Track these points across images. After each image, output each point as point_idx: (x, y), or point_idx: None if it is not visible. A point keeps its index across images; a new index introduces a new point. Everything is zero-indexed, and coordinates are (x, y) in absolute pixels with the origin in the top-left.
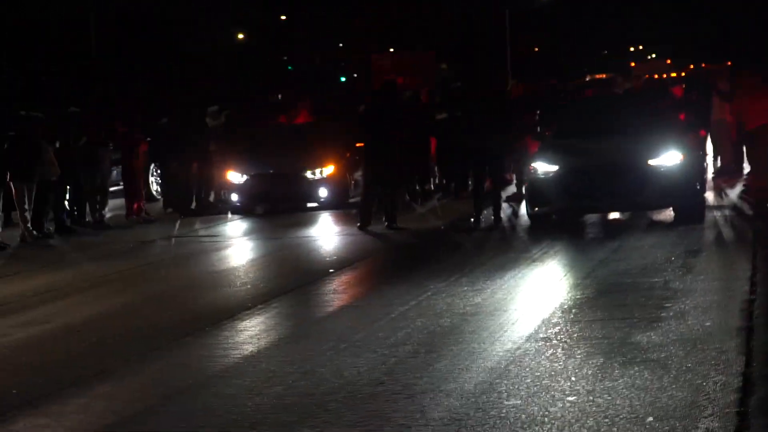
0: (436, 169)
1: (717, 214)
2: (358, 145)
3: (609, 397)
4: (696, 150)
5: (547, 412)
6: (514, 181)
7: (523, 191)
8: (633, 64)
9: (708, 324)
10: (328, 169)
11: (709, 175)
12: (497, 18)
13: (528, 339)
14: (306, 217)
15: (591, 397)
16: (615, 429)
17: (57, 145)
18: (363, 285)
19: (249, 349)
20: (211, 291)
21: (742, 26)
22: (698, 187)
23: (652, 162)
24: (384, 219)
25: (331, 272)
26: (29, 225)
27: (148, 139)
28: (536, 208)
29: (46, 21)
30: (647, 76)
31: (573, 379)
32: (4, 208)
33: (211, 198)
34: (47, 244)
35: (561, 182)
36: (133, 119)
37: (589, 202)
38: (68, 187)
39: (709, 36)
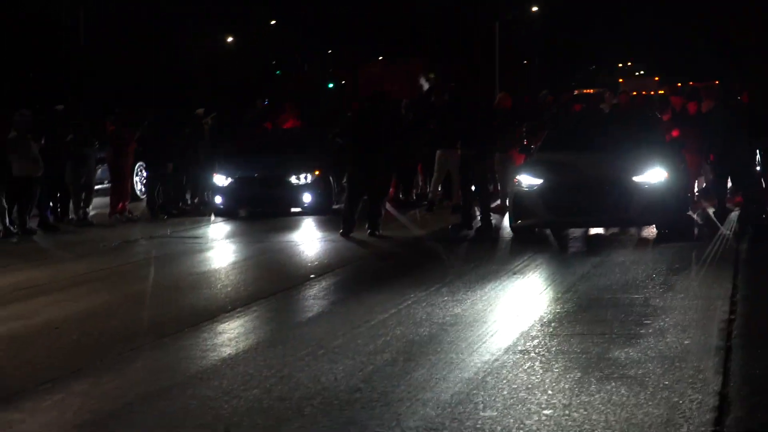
0: (420, 178)
1: (700, 232)
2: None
3: (585, 412)
4: (681, 167)
5: (522, 425)
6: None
7: (507, 203)
8: (621, 80)
9: (687, 342)
10: (313, 175)
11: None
12: (487, 29)
13: (506, 351)
14: (289, 222)
15: (567, 412)
16: None
17: (42, 141)
18: (343, 291)
19: (227, 351)
20: (191, 292)
21: (732, 45)
22: (682, 205)
23: (636, 178)
24: (367, 226)
25: (312, 278)
26: (5, 220)
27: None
28: (519, 221)
29: (33, 18)
30: (635, 92)
31: (550, 392)
32: None
33: (196, 200)
34: (30, 241)
35: (545, 196)
36: (123, 118)
37: (572, 217)
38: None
39: (699, 54)
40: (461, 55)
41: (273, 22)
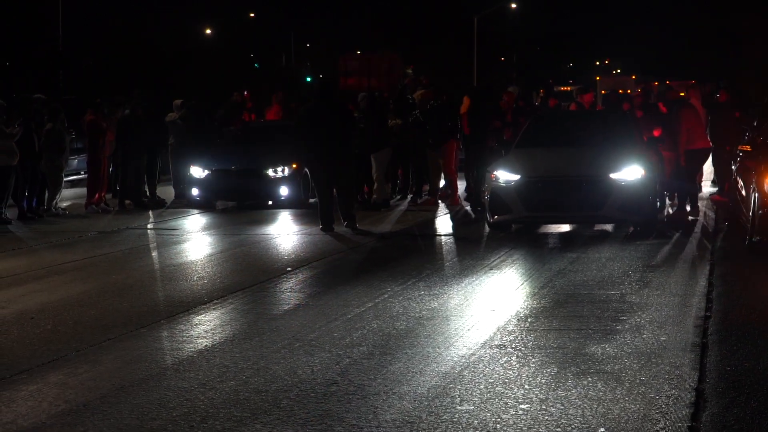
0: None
1: (675, 229)
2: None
3: (562, 407)
4: (656, 165)
5: (499, 419)
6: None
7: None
8: (598, 78)
9: (663, 339)
10: (290, 168)
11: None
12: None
13: (483, 345)
14: (265, 215)
15: (544, 406)
16: None
17: (18, 130)
18: (320, 285)
19: (204, 343)
20: (168, 284)
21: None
22: (657, 203)
23: (613, 175)
24: (342, 220)
25: (289, 271)
26: None
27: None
28: (496, 216)
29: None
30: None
31: (527, 387)
32: None
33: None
34: (6, 230)
35: (522, 192)
36: (102, 108)
37: (549, 213)
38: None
39: (676, 53)
40: (439, 49)
41: (252, 15)
